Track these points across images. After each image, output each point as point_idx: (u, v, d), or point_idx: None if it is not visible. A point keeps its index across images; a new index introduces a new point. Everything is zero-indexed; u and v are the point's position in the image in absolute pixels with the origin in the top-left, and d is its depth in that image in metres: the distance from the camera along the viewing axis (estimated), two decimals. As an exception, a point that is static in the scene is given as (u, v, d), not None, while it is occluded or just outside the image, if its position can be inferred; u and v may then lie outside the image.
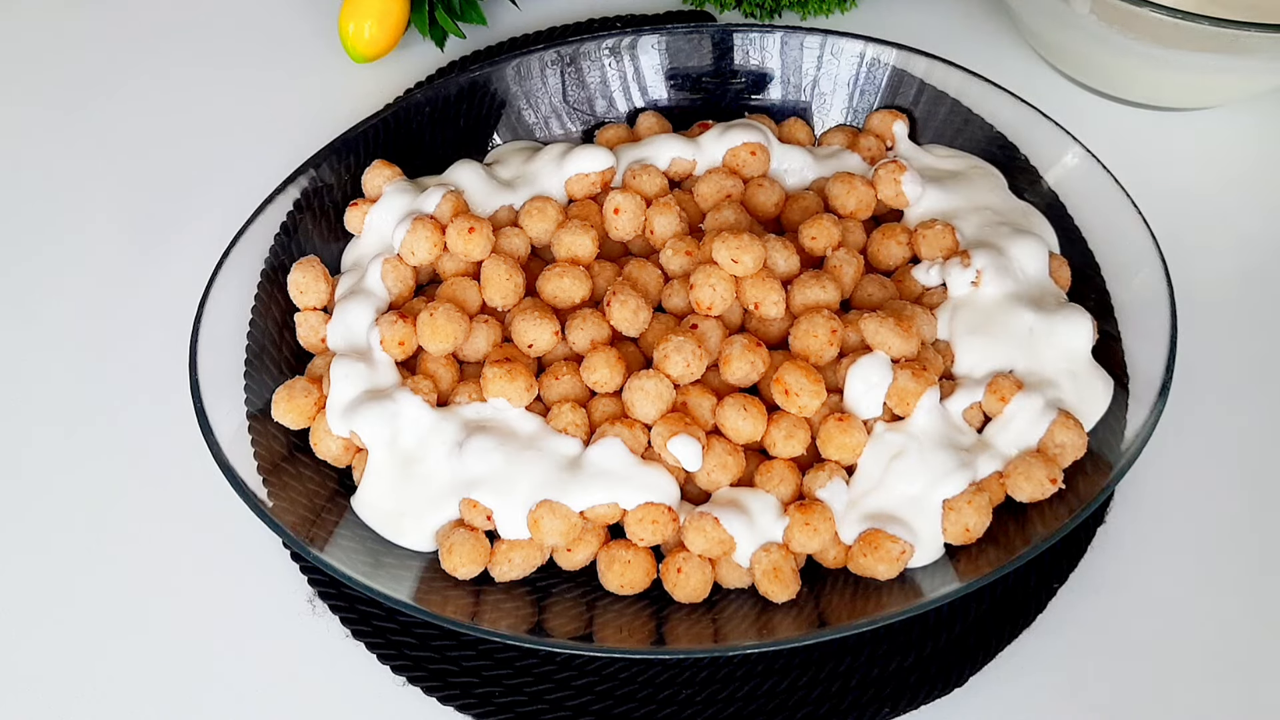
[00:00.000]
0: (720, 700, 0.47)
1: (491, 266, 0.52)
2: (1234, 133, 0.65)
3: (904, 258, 0.54)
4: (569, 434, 0.49)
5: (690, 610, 0.47)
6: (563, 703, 0.47)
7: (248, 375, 0.51)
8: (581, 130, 0.61)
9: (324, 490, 0.50)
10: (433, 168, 0.58)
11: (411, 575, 0.47)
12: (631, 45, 0.61)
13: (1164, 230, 0.53)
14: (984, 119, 0.58)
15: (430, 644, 0.49)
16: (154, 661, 0.49)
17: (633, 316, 0.51)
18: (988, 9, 0.71)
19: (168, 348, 0.56)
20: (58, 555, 0.52)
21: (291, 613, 0.50)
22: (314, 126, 0.65)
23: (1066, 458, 0.48)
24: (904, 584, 0.46)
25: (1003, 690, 0.48)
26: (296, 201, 0.55)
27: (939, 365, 0.50)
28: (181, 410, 0.49)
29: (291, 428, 0.51)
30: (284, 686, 0.49)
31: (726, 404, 0.48)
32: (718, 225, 0.54)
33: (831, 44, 0.60)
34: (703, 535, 0.46)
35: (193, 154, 0.65)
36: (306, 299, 0.53)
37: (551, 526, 0.47)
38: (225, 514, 0.51)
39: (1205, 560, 0.51)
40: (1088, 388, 0.50)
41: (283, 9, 0.72)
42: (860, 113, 0.61)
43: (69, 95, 0.68)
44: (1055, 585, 0.50)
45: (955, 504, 0.47)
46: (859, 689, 0.47)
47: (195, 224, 0.62)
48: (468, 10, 0.68)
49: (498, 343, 0.52)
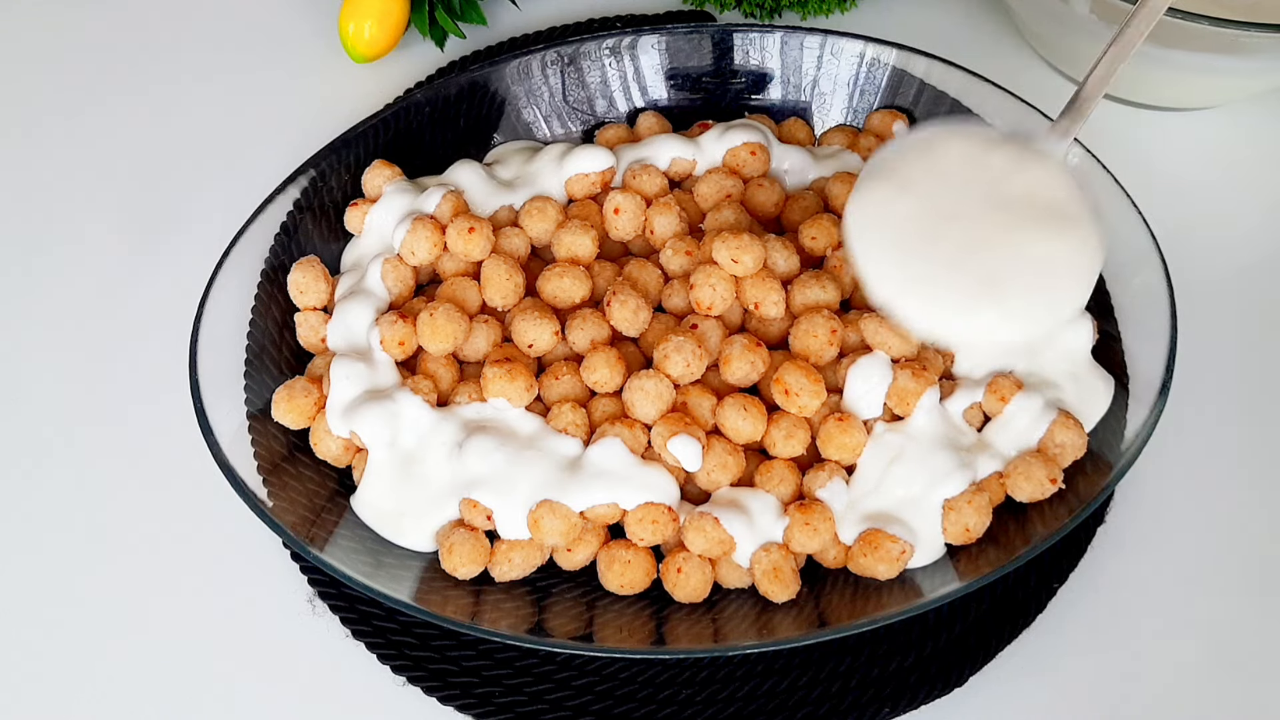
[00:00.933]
0: (720, 700, 0.47)
1: (491, 266, 0.52)
2: (1234, 133, 0.65)
3: (904, 258, 0.54)
4: (569, 434, 0.49)
5: (690, 610, 0.47)
6: (563, 703, 0.47)
7: (248, 375, 0.51)
8: (581, 130, 0.61)
9: (324, 490, 0.50)
10: (433, 168, 0.58)
11: (411, 575, 0.47)
12: (631, 45, 0.61)
13: (1164, 230, 0.53)
14: (984, 119, 0.58)
15: (430, 644, 0.49)
16: (154, 661, 0.49)
17: (633, 316, 0.51)
18: (988, 9, 0.71)
19: (168, 348, 0.56)
20: (57, 555, 0.52)
21: (291, 613, 0.50)
22: (314, 126, 0.65)
23: (1066, 458, 0.48)
24: (904, 584, 0.46)
25: (1003, 690, 0.48)
26: (296, 201, 0.55)
27: (939, 365, 0.50)
28: (181, 410, 0.49)
29: (291, 428, 0.51)
30: (284, 686, 0.49)
31: (726, 404, 0.48)
32: (718, 225, 0.54)
33: (831, 44, 0.60)
34: (703, 535, 0.46)
35: (193, 154, 0.65)
36: (306, 299, 0.53)
37: (551, 526, 0.47)
38: (225, 514, 0.51)
39: (1205, 560, 0.51)
40: (1088, 388, 0.50)
41: (283, 9, 0.72)
42: (860, 113, 0.61)
43: (69, 95, 0.68)
44: (1055, 585, 0.50)
45: (955, 504, 0.47)
46: (859, 689, 0.47)
47: (195, 224, 0.62)
48: (468, 10, 0.68)
49: (498, 343, 0.52)
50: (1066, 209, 0.45)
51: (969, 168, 0.46)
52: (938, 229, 0.44)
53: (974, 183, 0.45)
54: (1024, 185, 0.45)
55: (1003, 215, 0.44)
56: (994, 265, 0.44)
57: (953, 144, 0.47)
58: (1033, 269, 0.44)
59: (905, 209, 0.45)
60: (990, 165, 0.46)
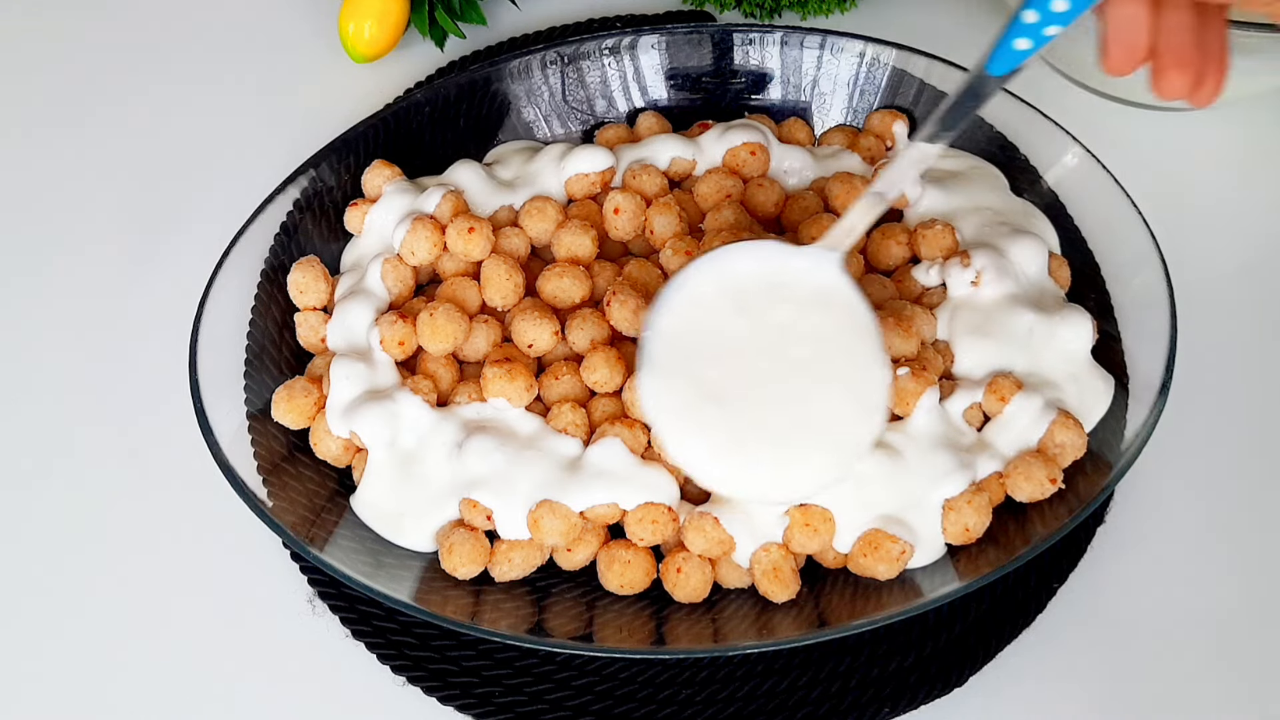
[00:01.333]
0: (720, 700, 0.47)
1: (491, 266, 0.52)
2: (1234, 133, 0.65)
3: (904, 258, 0.54)
4: (569, 434, 0.49)
5: (690, 610, 0.47)
6: (563, 703, 0.47)
7: (248, 375, 0.51)
8: (581, 130, 0.61)
9: (324, 490, 0.50)
10: (433, 168, 0.58)
11: (411, 575, 0.47)
12: (631, 45, 0.61)
13: (1164, 230, 0.53)
14: (984, 119, 0.58)
15: (430, 644, 0.49)
16: (154, 661, 0.49)
17: (633, 316, 0.51)
18: (988, 9, 0.70)
19: (168, 348, 0.56)
20: (58, 555, 0.52)
21: (291, 613, 0.50)
22: (314, 126, 0.65)
23: (1066, 458, 0.48)
24: (904, 584, 0.46)
25: (1003, 690, 0.48)
26: (296, 201, 0.55)
27: (939, 365, 0.50)
28: (181, 410, 0.49)
29: (291, 428, 0.51)
30: (284, 686, 0.49)
31: (726, 404, 0.48)
32: (718, 225, 0.54)
33: (831, 44, 0.60)
34: (703, 535, 0.46)
35: (193, 154, 0.65)
36: (306, 299, 0.53)
37: (551, 526, 0.47)
38: (225, 514, 0.51)
39: (1205, 560, 0.51)
40: (1088, 388, 0.50)
41: (283, 9, 0.72)
42: (860, 113, 0.61)
43: (69, 96, 0.68)
44: (1055, 585, 0.50)
45: (955, 504, 0.47)
46: (859, 689, 0.47)
47: (195, 224, 0.62)
48: (468, 10, 0.68)
49: (498, 343, 0.52)
50: (851, 348, 0.45)
51: (749, 318, 0.45)
52: (726, 396, 0.44)
53: (757, 335, 0.45)
54: (809, 328, 0.45)
55: (789, 371, 0.44)
56: (786, 428, 0.44)
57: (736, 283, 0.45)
58: (822, 425, 0.44)
59: (691, 383, 0.44)
60: (773, 309, 0.45)
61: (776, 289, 0.45)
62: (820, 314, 0.45)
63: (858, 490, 0.47)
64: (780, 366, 0.44)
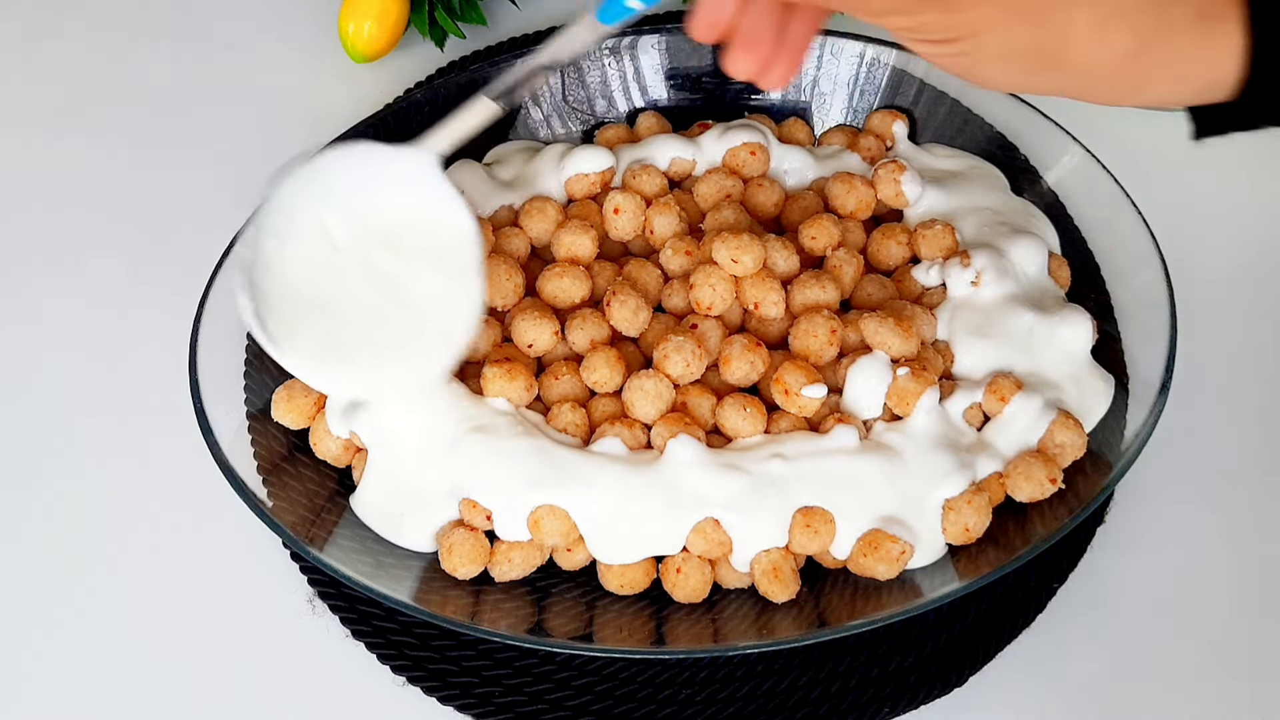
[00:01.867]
0: (720, 700, 0.47)
1: (491, 266, 0.52)
2: (1234, 133, 0.65)
3: (904, 258, 0.54)
4: (569, 434, 0.49)
5: (690, 610, 0.47)
6: (563, 703, 0.47)
7: (248, 375, 0.51)
8: (581, 130, 0.61)
9: (324, 490, 0.50)
10: (433, 168, 0.58)
11: (411, 575, 0.47)
12: (631, 45, 0.61)
13: (1164, 230, 0.53)
14: (984, 119, 0.58)
15: (430, 644, 0.49)
16: (154, 661, 0.49)
17: (632, 316, 0.51)
18: (988, 9, 0.70)
19: (168, 348, 0.56)
20: (58, 555, 0.52)
21: (291, 613, 0.50)
22: (314, 126, 0.64)
23: (1066, 458, 0.48)
24: (904, 584, 0.46)
25: (1003, 690, 0.48)
26: (296, 201, 0.55)
27: (939, 365, 0.50)
28: (181, 410, 0.49)
29: (291, 428, 0.51)
30: (284, 686, 0.49)
31: (726, 404, 0.48)
32: (718, 225, 0.54)
33: (831, 44, 0.60)
34: (703, 536, 0.46)
35: (193, 153, 0.65)
36: (306, 299, 0.53)
37: (551, 527, 0.47)
38: (225, 514, 0.51)
39: (1204, 560, 0.51)
40: (1088, 388, 0.50)
41: (283, 9, 0.72)
42: (860, 113, 0.61)
43: (68, 96, 0.68)
44: (1055, 585, 0.50)
45: (955, 504, 0.47)
46: (859, 689, 0.47)
47: (195, 224, 0.62)
48: (468, 10, 0.68)
49: (498, 343, 0.52)
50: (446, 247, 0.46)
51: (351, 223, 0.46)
52: (329, 306, 0.46)
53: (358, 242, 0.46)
54: (406, 229, 0.46)
55: (389, 274, 0.46)
56: (386, 331, 0.46)
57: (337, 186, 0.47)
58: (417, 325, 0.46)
59: (294, 280, 0.46)
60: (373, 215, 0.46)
61: (374, 191, 0.47)
62: (417, 215, 0.46)
63: (858, 491, 0.47)
64: (383, 267, 0.46)
